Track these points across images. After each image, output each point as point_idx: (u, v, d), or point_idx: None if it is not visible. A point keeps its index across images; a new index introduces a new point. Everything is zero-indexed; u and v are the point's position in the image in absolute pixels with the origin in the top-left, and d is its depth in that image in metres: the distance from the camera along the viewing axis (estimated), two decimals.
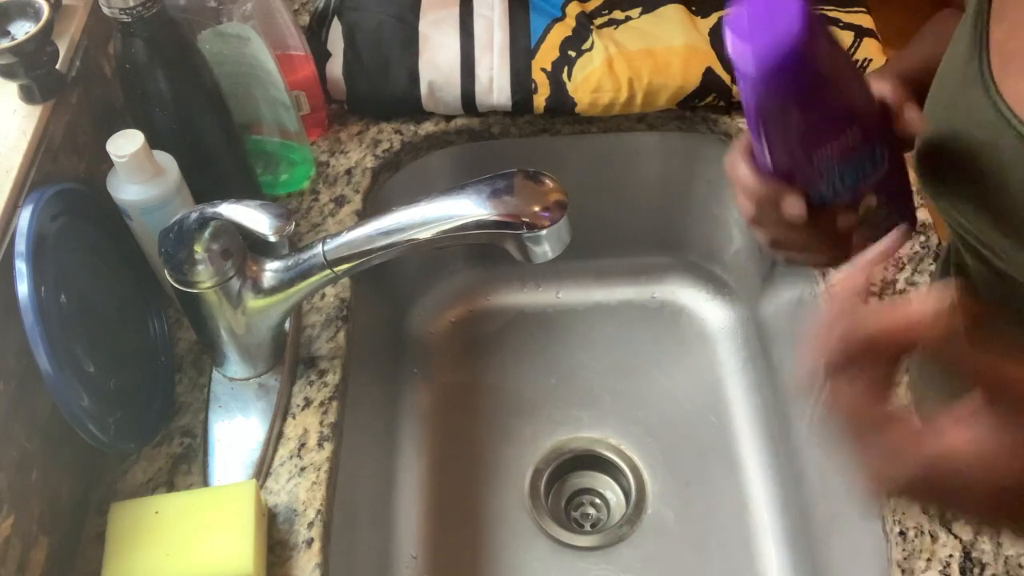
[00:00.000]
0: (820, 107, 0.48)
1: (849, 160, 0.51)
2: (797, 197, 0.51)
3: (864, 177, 0.53)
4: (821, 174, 0.52)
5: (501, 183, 0.64)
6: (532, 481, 0.98)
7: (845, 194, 0.53)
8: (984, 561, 0.66)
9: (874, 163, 0.53)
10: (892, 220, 0.58)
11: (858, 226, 0.55)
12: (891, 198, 0.56)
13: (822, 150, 0.50)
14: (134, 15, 0.67)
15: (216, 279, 0.67)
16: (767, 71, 0.45)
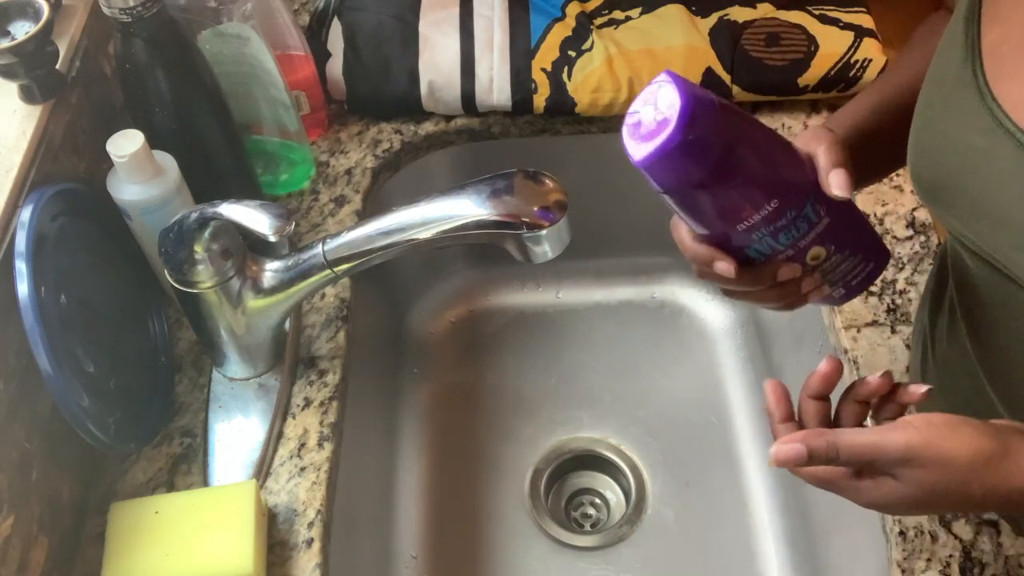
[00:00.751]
0: (726, 189, 0.50)
1: (778, 225, 0.52)
2: (727, 261, 0.54)
3: (801, 235, 0.53)
4: (751, 239, 0.53)
5: (501, 183, 0.64)
6: (532, 481, 0.98)
7: (786, 251, 0.54)
8: (984, 561, 0.66)
9: (809, 221, 0.53)
10: (853, 262, 0.57)
11: (812, 273, 0.56)
12: (843, 244, 0.56)
13: (743, 223, 0.51)
14: (134, 15, 0.67)
15: (216, 279, 0.67)
16: (655, 167, 0.49)
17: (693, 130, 0.47)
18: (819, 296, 0.59)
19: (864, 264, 0.58)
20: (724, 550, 0.93)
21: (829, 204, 0.53)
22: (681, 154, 0.47)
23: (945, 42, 0.54)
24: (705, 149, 0.48)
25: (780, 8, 0.95)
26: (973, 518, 0.67)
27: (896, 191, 0.87)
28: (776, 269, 0.55)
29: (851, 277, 0.58)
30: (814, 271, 0.56)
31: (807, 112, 0.95)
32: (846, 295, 0.60)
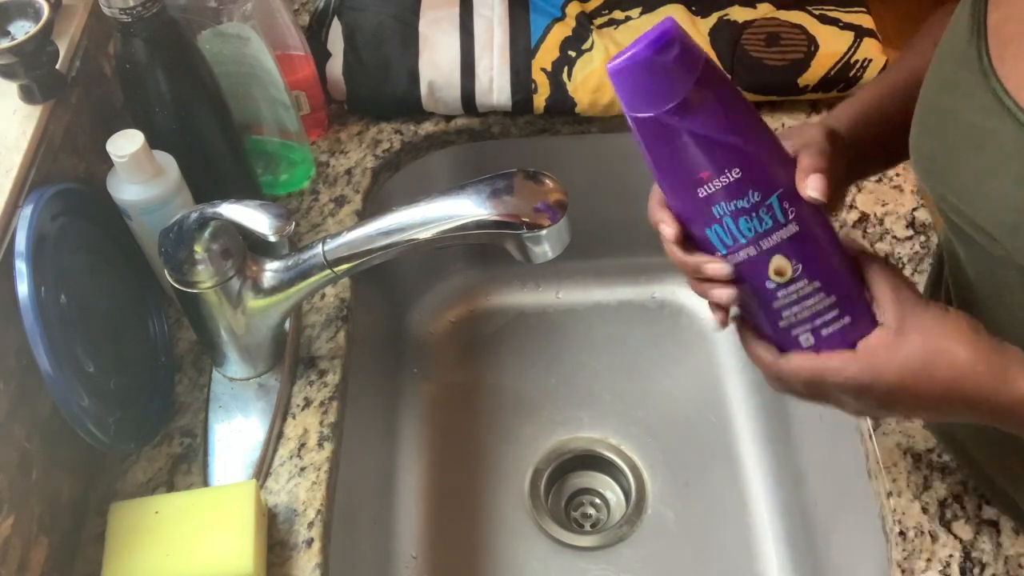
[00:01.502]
0: (689, 134, 0.50)
1: (739, 205, 0.51)
2: (670, 225, 0.54)
3: (764, 231, 0.51)
4: (711, 213, 0.52)
5: (501, 183, 0.64)
6: (532, 481, 0.98)
7: (747, 247, 0.52)
8: (984, 561, 0.66)
9: (774, 218, 0.51)
10: (824, 302, 0.53)
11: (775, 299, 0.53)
12: (813, 269, 0.52)
13: (702, 186, 0.51)
14: (134, 15, 0.67)
15: (216, 279, 0.67)
16: (622, 76, 0.49)
17: (666, 50, 0.48)
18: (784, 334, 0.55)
19: (839, 312, 0.53)
20: (724, 550, 0.93)
21: (801, 212, 0.52)
22: (649, 69, 0.48)
23: (953, 22, 0.54)
24: (673, 73, 0.48)
25: (780, 8, 0.95)
26: (973, 518, 0.67)
27: (896, 191, 0.87)
28: (710, 260, 0.53)
29: (820, 322, 0.53)
30: (774, 293, 0.53)
31: (807, 112, 0.95)
32: (813, 347, 0.54)
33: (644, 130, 0.51)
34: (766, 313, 0.54)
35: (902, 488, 0.69)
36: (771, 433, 0.98)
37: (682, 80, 0.49)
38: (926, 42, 0.64)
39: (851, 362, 0.51)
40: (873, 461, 0.72)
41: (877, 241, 0.84)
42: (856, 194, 0.87)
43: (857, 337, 0.52)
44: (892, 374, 0.50)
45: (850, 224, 0.85)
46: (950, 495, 0.69)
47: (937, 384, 0.49)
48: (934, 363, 0.49)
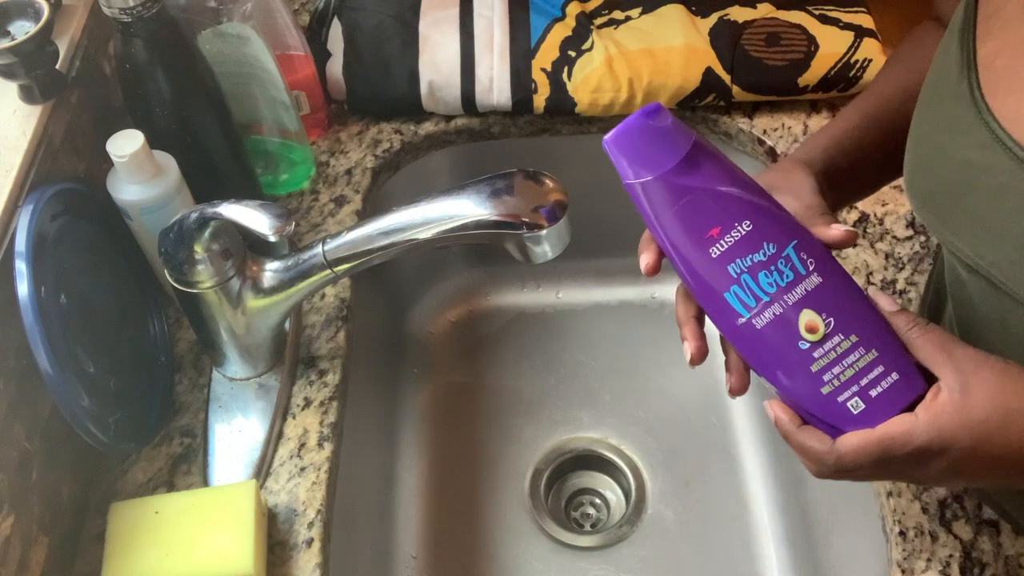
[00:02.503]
0: (690, 193, 0.50)
1: (756, 259, 0.50)
2: (682, 301, 0.55)
3: (787, 285, 0.49)
4: (730, 275, 0.50)
5: (501, 183, 0.64)
6: (532, 481, 0.98)
7: (772, 305, 0.50)
8: (984, 561, 0.66)
9: (794, 269, 0.50)
10: (865, 358, 0.49)
11: (812, 361, 0.49)
12: (847, 323, 0.49)
13: (715, 245, 0.50)
14: (134, 15, 0.67)
15: (216, 279, 0.67)
16: (619, 142, 0.51)
17: (660, 117, 0.50)
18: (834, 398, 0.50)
19: (885, 369, 0.49)
20: (724, 550, 0.93)
21: (820, 263, 0.50)
22: (646, 132, 0.50)
23: (940, 55, 0.53)
24: (670, 134, 0.50)
25: (780, 8, 0.95)
26: (973, 518, 0.67)
27: (896, 191, 0.87)
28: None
29: (867, 381, 0.49)
30: (809, 354, 0.49)
31: (807, 112, 0.95)
32: (865, 412, 0.49)
33: (648, 195, 0.51)
34: (805, 382, 0.49)
35: (902, 488, 0.69)
36: (771, 433, 0.98)
37: (680, 141, 0.50)
38: (899, 68, 0.63)
39: (919, 429, 0.46)
40: None
41: (877, 241, 0.84)
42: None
43: (912, 396, 0.48)
44: (966, 439, 0.46)
45: (850, 224, 0.85)
46: (950, 495, 0.69)
47: (1013, 445, 0.46)
48: (1007, 422, 0.45)
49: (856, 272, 0.82)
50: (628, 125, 0.50)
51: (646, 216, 0.51)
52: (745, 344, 0.51)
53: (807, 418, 0.51)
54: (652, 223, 0.51)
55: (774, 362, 0.50)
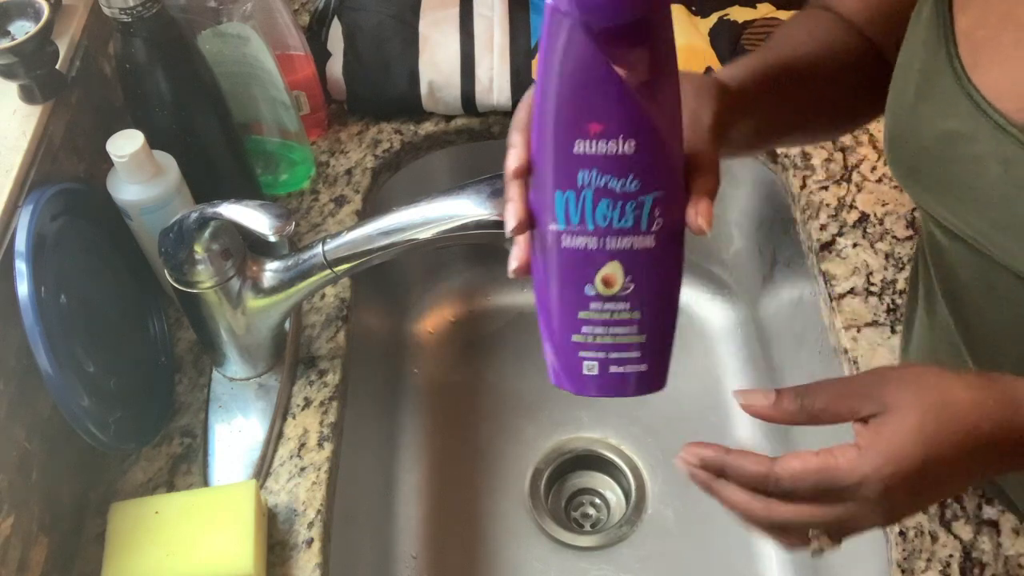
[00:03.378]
0: (616, 85, 0.40)
1: (609, 182, 0.42)
2: (520, 152, 0.44)
3: (620, 226, 0.43)
4: (572, 179, 0.42)
5: (501, 183, 0.63)
6: (532, 481, 0.97)
7: (587, 236, 0.43)
8: (984, 561, 0.66)
9: (636, 216, 0.43)
10: (634, 337, 0.45)
11: (584, 308, 0.45)
12: (644, 295, 0.44)
13: (584, 138, 0.42)
14: (134, 15, 0.67)
15: (216, 279, 0.67)
16: None
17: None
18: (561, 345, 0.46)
19: (638, 355, 0.45)
20: (724, 550, 0.93)
21: (666, 229, 0.44)
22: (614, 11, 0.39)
23: (912, 28, 0.53)
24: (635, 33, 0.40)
25: (780, 8, 0.95)
26: (973, 518, 0.67)
27: (896, 191, 0.87)
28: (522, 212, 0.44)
29: (616, 356, 0.45)
30: (586, 301, 0.44)
31: None
32: (592, 380, 0.46)
33: (559, 29, 0.40)
34: (566, 319, 0.45)
35: None
36: (771, 433, 0.98)
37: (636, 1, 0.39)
38: (798, 32, 0.61)
39: (863, 458, 0.44)
40: None
41: (877, 241, 0.84)
42: (856, 194, 0.87)
43: (642, 389, 0.46)
44: (913, 455, 0.43)
45: (850, 224, 0.85)
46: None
47: (958, 443, 0.44)
48: (944, 422, 0.43)
49: (856, 272, 0.82)
50: None
51: (543, 53, 0.41)
52: (540, 247, 0.45)
53: (544, 353, 0.47)
54: (543, 63, 0.41)
55: (553, 284, 0.45)
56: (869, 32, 0.61)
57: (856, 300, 0.80)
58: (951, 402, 0.44)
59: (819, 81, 0.59)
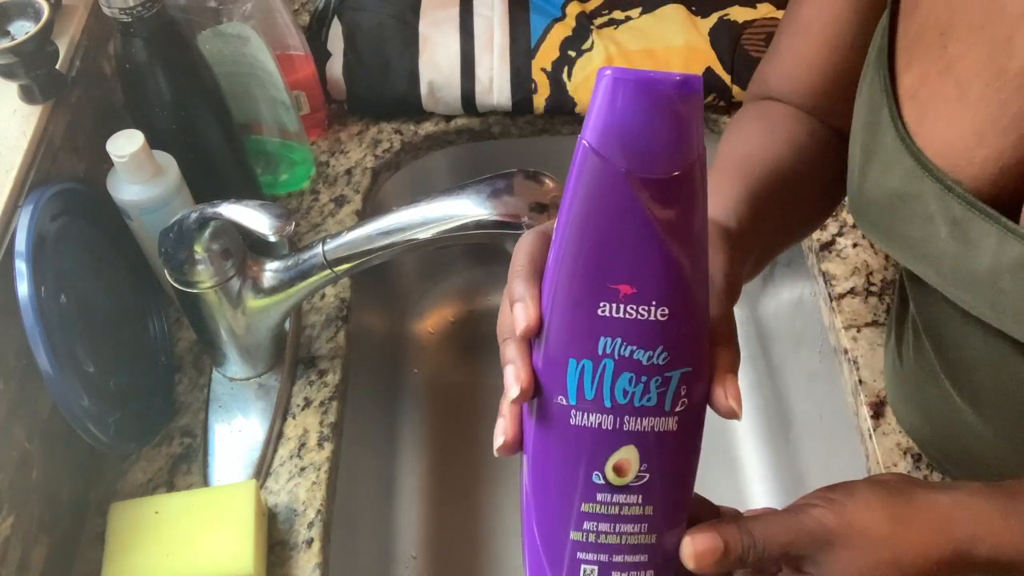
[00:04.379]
0: (654, 240, 0.36)
1: (635, 355, 0.37)
2: (532, 306, 0.38)
3: (640, 405, 0.37)
4: (592, 347, 0.37)
5: (501, 183, 0.64)
6: None
7: (603, 415, 0.38)
8: None
9: (661, 398, 0.38)
10: (637, 551, 0.40)
11: (589, 499, 0.39)
12: (656, 493, 0.39)
13: (611, 299, 0.36)
14: (134, 15, 0.67)
15: (216, 279, 0.67)
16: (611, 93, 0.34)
17: (692, 99, 0.34)
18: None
19: (647, 560, 0.40)
20: None
21: (690, 411, 0.39)
22: (659, 102, 0.34)
23: (859, 90, 0.53)
24: (683, 128, 0.34)
25: (780, 8, 0.95)
26: None
27: None
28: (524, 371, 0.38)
29: (620, 561, 0.40)
30: (592, 490, 0.38)
31: None
32: None
33: (598, 176, 0.35)
34: (562, 512, 0.39)
35: None
36: (771, 433, 0.98)
37: (689, 145, 0.35)
38: (756, 138, 0.59)
39: None
40: (873, 461, 0.72)
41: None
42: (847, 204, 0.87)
43: None
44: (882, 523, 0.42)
45: (850, 224, 0.85)
46: None
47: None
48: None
49: (856, 272, 0.82)
50: (650, 82, 0.33)
51: (572, 199, 0.36)
52: (541, 423, 0.39)
53: (527, 549, 0.41)
54: (570, 213, 0.36)
55: (552, 469, 0.39)
56: (821, 114, 0.60)
57: (856, 300, 0.80)
58: (899, 561, 0.42)
59: (801, 186, 0.57)
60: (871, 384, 0.74)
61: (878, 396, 0.74)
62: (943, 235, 0.47)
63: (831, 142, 0.60)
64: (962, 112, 0.46)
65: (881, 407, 0.73)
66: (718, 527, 0.41)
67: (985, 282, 0.46)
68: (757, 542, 0.41)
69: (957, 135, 0.46)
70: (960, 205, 0.46)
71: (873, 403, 0.73)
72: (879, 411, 0.73)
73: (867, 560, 0.41)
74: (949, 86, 0.46)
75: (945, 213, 0.47)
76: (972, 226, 0.46)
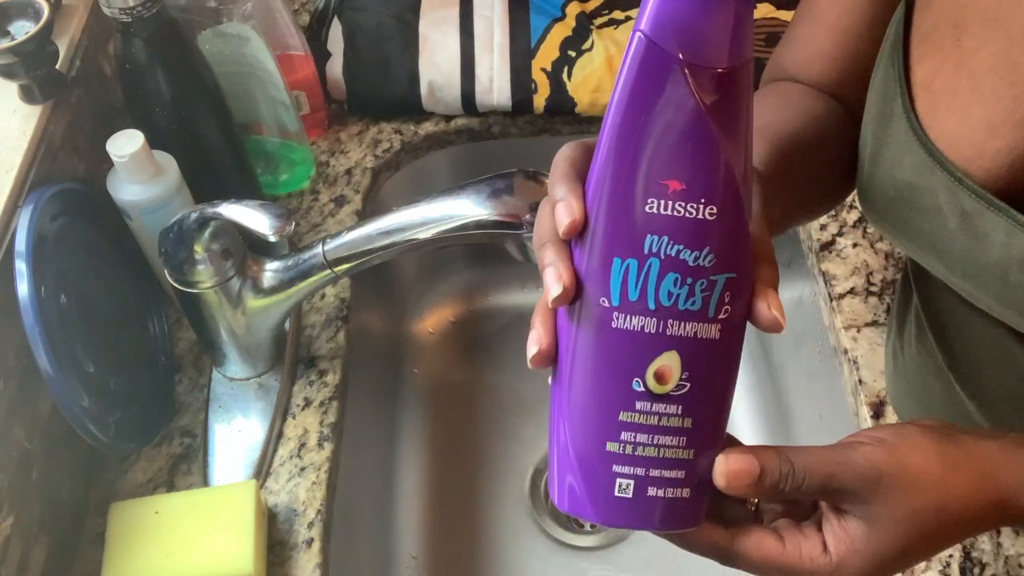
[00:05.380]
0: (707, 136, 0.36)
1: (679, 248, 0.36)
2: (576, 204, 0.37)
3: (684, 304, 0.36)
4: (638, 243, 0.36)
5: (501, 183, 0.64)
6: (532, 480, 0.97)
7: (646, 314, 0.37)
8: (984, 561, 0.66)
9: (706, 303, 0.37)
10: (683, 451, 0.38)
11: (628, 407, 0.38)
12: (696, 402, 0.38)
13: (663, 200, 0.36)
14: (134, 15, 0.67)
15: (216, 279, 0.67)
16: None
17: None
18: None
19: (683, 476, 0.39)
20: None
21: (733, 319, 0.38)
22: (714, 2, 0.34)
23: (873, 78, 0.53)
24: (737, 26, 0.35)
25: (780, 8, 0.95)
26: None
27: None
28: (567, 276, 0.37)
29: (656, 475, 0.38)
30: (631, 398, 0.37)
31: None
32: (622, 503, 0.38)
33: (656, 69, 0.35)
34: (599, 421, 0.38)
35: None
36: (771, 432, 0.98)
37: (742, 44, 0.36)
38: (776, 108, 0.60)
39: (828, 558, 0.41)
40: None
41: (877, 241, 0.84)
42: (856, 194, 0.87)
43: (677, 523, 0.40)
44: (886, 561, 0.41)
45: (850, 224, 0.85)
46: None
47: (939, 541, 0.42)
48: (934, 526, 0.41)
49: (856, 272, 0.82)
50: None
51: (626, 92, 0.35)
52: (578, 327, 0.38)
53: (557, 466, 0.40)
54: (624, 107, 0.35)
55: (589, 375, 0.38)
56: (839, 95, 0.60)
57: (856, 300, 0.80)
58: (944, 508, 0.41)
59: (821, 153, 0.58)
60: (871, 384, 0.74)
61: (878, 396, 0.74)
62: (952, 227, 0.47)
63: (848, 119, 0.60)
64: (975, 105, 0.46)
65: (881, 407, 0.73)
66: (756, 450, 0.40)
67: (994, 275, 0.47)
68: (797, 471, 0.39)
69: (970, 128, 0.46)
70: (970, 198, 0.46)
71: (873, 403, 0.73)
72: (879, 411, 0.73)
73: (915, 504, 0.40)
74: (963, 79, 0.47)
75: (954, 205, 0.47)
76: (982, 219, 0.46)
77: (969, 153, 0.46)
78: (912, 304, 0.65)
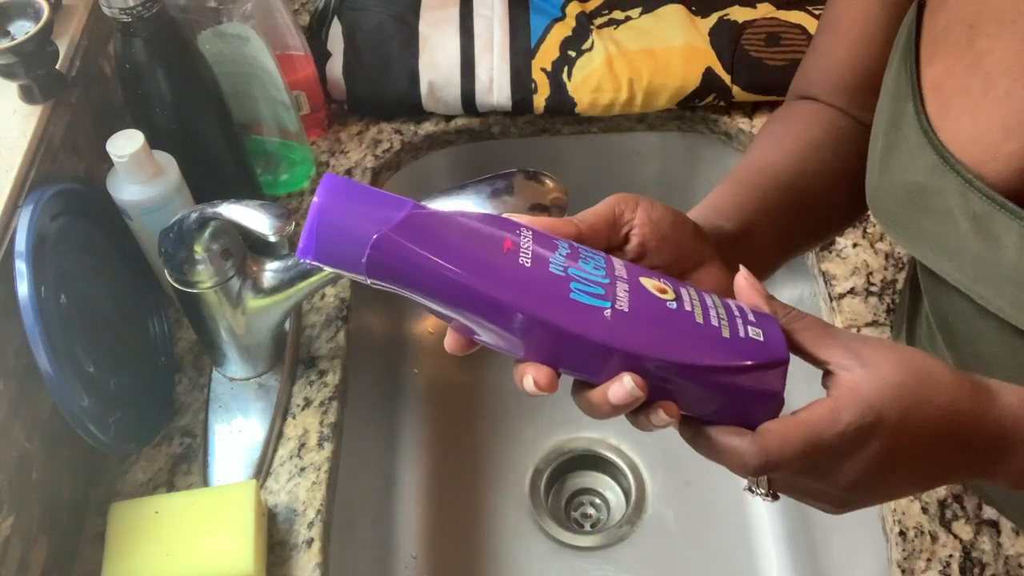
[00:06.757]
0: (471, 223, 0.41)
1: (561, 253, 0.42)
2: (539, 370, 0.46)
3: (604, 264, 0.42)
4: (558, 275, 0.41)
5: (501, 183, 0.64)
6: (532, 481, 0.98)
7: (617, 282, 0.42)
8: (984, 561, 0.66)
9: (592, 252, 0.42)
10: (730, 305, 0.43)
11: (688, 310, 0.42)
12: (682, 286, 0.43)
13: (519, 253, 0.41)
14: (134, 15, 0.67)
15: (216, 279, 0.67)
16: None
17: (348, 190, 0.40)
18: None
19: (739, 307, 0.44)
20: (724, 550, 0.93)
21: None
22: (352, 201, 0.40)
23: (884, 82, 0.53)
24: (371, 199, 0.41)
25: (780, 8, 0.95)
26: (973, 518, 0.67)
27: None
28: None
29: (741, 317, 0.43)
30: (681, 305, 0.41)
31: None
32: (769, 338, 0.43)
33: (404, 243, 0.40)
34: (703, 335, 0.41)
35: None
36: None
37: (389, 200, 0.41)
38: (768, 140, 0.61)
39: (842, 406, 0.41)
40: None
41: (877, 241, 0.84)
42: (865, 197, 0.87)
43: (775, 335, 0.43)
44: (893, 407, 0.41)
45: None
46: (950, 495, 0.69)
47: (936, 416, 0.41)
48: (926, 386, 0.41)
49: (856, 272, 0.82)
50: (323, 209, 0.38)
51: (414, 272, 0.40)
52: (626, 335, 0.41)
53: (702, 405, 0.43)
54: (426, 273, 0.40)
55: (665, 335, 0.41)
56: (854, 110, 0.61)
57: (856, 300, 0.80)
58: (933, 372, 0.41)
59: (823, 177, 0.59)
60: None
61: None
62: (963, 230, 0.47)
63: (858, 134, 0.60)
64: (988, 107, 0.46)
65: None
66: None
67: (1008, 278, 0.46)
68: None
69: (983, 130, 0.46)
70: (982, 200, 0.46)
71: None
72: None
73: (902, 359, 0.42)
74: (976, 80, 0.46)
75: (966, 208, 0.47)
76: (994, 221, 0.46)
77: (981, 155, 0.46)
78: (922, 308, 0.65)
